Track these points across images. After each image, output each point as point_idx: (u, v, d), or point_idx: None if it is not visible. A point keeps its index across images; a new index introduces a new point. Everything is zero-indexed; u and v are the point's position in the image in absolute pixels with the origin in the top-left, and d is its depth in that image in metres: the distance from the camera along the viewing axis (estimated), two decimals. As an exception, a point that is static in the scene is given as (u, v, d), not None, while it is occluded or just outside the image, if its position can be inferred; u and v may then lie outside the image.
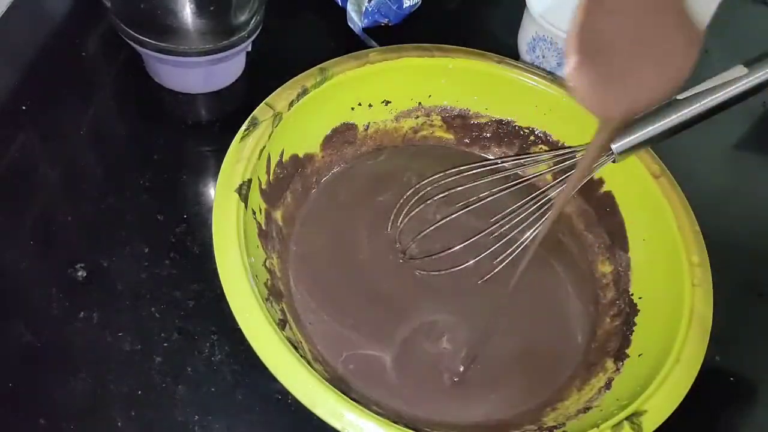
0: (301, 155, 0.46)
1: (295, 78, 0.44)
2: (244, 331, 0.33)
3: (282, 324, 0.37)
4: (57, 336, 0.41)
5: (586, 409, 0.38)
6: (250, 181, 0.39)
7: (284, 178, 0.44)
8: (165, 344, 0.41)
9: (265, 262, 0.40)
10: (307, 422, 0.39)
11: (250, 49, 0.54)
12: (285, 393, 0.37)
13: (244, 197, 0.38)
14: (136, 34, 0.49)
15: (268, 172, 0.42)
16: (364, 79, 0.46)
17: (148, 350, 0.41)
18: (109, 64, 0.56)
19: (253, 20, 0.52)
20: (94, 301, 0.42)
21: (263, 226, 0.41)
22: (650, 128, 0.39)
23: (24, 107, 0.51)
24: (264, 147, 0.40)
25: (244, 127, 0.41)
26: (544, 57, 0.56)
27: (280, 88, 0.43)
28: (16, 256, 0.44)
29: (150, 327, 0.42)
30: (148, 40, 0.49)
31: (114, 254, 0.44)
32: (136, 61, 0.54)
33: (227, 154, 0.40)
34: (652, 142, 0.40)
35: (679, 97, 0.39)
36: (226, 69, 0.54)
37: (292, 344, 0.34)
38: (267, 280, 0.39)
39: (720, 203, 0.56)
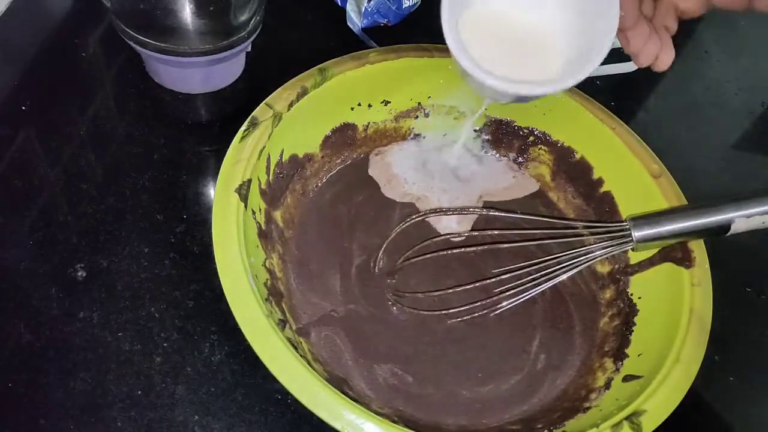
0: (300, 155, 0.46)
1: (294, 78, 0.44)
2: (244, 331, 0.33)
3: (282, 324, 0.37)
4: (57, 336, 0.41)
5: (586, 409, 0.38)
6: (249, 181, 0.39)
7: (284, 178, 0.44)
8: (165, 344, 0.41)
9: (264, 262, 0.40)
10: (306, 422, 0.39)
11: (249, 49, 0.54)
12: (285, 393, 0.37)
13: (244, 197, 0.38)
14: (136, 34, 0.49)
15: (267, 172, 0.42)
16: (364, 79, 0.46)
17: (148, 350, 0.41)
18: (109, 64, 0.56)
19: (253, 20, 0.52)
20: (94, 301, 0.42)
21: (263, 227, 0.41)
22: (673, 226, 0.40)
23: (24, 107, 0.51)
24: (264, 147, 0.41)
25: (243, 128, 0.41)
26: None
27: (279, 89, 0.43)
28: (16, 256, 0.44)
29: (150, 327, 0.42)
30: (148, 40, 0.49)
31: (114, 254, 0.44)
32: (136, 61, 0.54)
33: (227, 154, 0.40)
34: (670, 238, 0.41)
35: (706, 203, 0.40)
36: (226, 69, 0.54)
37: (292, 344, 0.34)
38: (267, 280, 0.39)
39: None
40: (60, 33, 0.57)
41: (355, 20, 0.60)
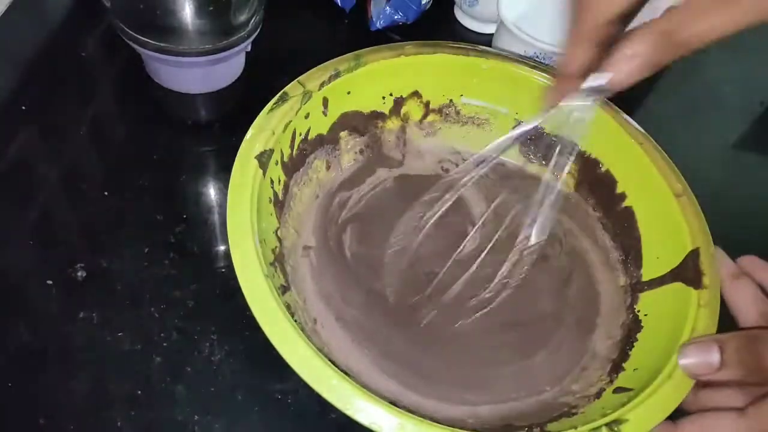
0: (326, 134, 0.45)
1: (329, 61, 0.44)
2: (244, 291, 0.33)
3: (284, 289, 0.37)
4: (57, 336, 0.41)
5: (571, 414, 0.38)
6: (272, 150, 0.39)
7: (308, 155, 0.44)
8: (165, 344, 0.41)
9: (276, 230, 0.40)
10: (306, 421, 0.39)
11: (249, 49, 0.54)
12: (285, 392, 0.37)
13: (264, 165, 0.38)
14: (135, 35, 0.49)
15: (291, 147, 0.42)
16: (397, 69, 0.46)
17: (148, 350, 0.41)
18: (109, 64, 0.56)
19: (253, 20, 0.52)
20: (94, 301, 0.42)
21: (280, 197, 0.41)
22: None
23: (24, 107, 0.51)
24: (290, 121, 0.41)
25: (273, 101, 0.41)
26: None
27: (313, 69, 0.43)
28: (16, 256, 0.44)
29: (150, 327, 0.42)
30: (147, 40, 0.49)
31: (114, 254, 0.44)
32: (136, 61, 0.54)
33: (253, 123, 0.39)
34: None
35: None
36: (226, 69, 0.54)
37: (292, 311, 0.33)
38: (276, 247, 0.39)
39: (719, 203, 0.55)
40: (60, 33, 0.57)
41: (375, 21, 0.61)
